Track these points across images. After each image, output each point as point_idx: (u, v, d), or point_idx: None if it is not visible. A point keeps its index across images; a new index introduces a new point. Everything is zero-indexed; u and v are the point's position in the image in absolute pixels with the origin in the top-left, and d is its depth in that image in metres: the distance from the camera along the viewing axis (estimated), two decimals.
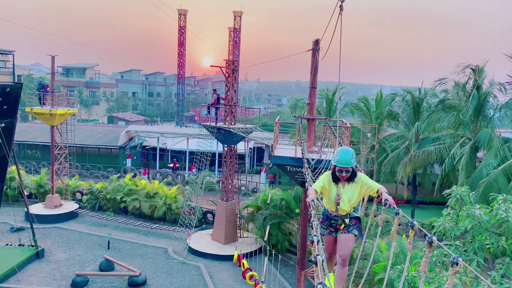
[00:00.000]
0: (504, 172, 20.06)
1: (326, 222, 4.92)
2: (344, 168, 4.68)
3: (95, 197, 30.99)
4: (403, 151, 29.22)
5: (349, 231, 4.85)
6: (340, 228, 4.87)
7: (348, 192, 4.77)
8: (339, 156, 4.72)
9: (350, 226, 4.85)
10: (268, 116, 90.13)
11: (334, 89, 35.15)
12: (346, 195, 4.76)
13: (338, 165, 4.71)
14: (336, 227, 4.87)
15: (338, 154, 4.76)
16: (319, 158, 13.28)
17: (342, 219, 4.83)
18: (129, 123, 67.15)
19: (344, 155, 4.70)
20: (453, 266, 2.64)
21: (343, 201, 4.74)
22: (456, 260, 2.61)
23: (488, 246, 9.83)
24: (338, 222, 4.84)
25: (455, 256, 2.62)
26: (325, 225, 4.93)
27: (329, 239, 4.95)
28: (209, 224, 28.18)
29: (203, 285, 20.05)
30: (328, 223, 4.91)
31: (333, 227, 4.89)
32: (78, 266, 21.44)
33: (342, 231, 4.86)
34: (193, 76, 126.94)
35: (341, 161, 4.69)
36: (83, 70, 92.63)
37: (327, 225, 4.92)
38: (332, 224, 4.88)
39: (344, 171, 4.70)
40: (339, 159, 4.71)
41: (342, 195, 4.75)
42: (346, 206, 4.76)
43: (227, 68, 23.87)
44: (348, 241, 4.83)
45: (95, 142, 42.83)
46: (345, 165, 4.67)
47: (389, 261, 10.24)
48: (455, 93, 27.82)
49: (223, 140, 24.49)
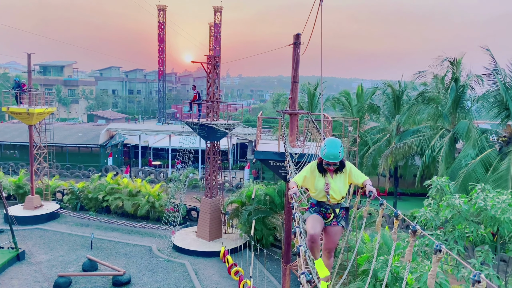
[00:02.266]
0: (482, 162, 20.52)
1: (315, 208, 4.70)
2: (332, 162, 4.49)
3: (76, 197, 30.50)
4: (384, 144, 29.62)
5: (338, 223, 4.71)
6: (329, 217, 4.68)
7: (337, 181, 4.61)
8: (326, 150, 4.47)
9: (339, 217, 4.71)
10: (251, 112, 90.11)
11: (315, 83, 35.33)
12: (336, 184, 4.59)
13: (326, 159, 4.48)
14: (326, 215, 4.68)
15: (326, 147, 4.49)
16: (302, 152, 13.33)
17: (333, 209, 4.65)
18: (109, 121, 66.23)
19: (332, 149, 4.45)
20: (437, 253, 2.68)
21: (333, 190, 4.57)
22: (439, 247, 2.65)
23: (468, 235, 10.05)
24: (328, 211, 4.66)
25: (438, 244, 2.66)
26: (313, 210, 4.71)
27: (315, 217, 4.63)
28: (193, 221, 28.07)
29: (188, 282, 19.99)
30: (317, 209, 4.69)
31: (322, 214, 4.68)
32: (61, 267, 21.10)
33: (331, 222, 4.70)
34: (174, 73, 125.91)
35: (329, 156, 4.45)
36: (61, 68, 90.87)
37: (316, 211, 4.69)
38: (321, 210, 4.68)
39: (332, 164, 4.51)
40: (327, 153, 4.46)
41: (331, 184, 4.57)
42: (337, 195, 4.59)
43: (208, 63, 23.71)
44: (336, 234, 4.74)
45: (75, 141, 42.12)
46: (333, 160, 4.46)
47: (372, 252, 10.29)
48: (434, 85, 28.31)
49: (205, 136, 24.37)
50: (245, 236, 24.51)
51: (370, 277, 12.37)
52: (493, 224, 9.44)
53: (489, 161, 20.61)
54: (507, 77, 21.47)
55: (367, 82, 63.19)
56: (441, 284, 8.58)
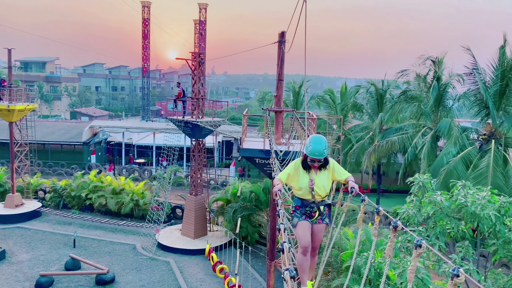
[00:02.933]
0: (463, 160, 20.92)
1: (301, 210, 4.68)
2: (317, 159, 4.52)
3: (58, 195, 30.06)
4: (367, 142, 29.95)
5: (323, 220, 4.73)
6: (314, 215, 4.67)
7: (321, 178, 4.63)
8: (312, 147, 4.50)
9: (323, 214, 4.71)
10: (236, 110, 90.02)
11: (300, 82, 35.50)
12: (320, 181, 4.61)
13: (311, 156, 4.51)
14: (311, 214, 4.67)
15: (311, 144, 4.52)
16: (287, 150, 13.40)
17: (318, 206, 4.64)
18: (92, 118, 65.31)
19: (317, 145, 4.48)
20: (417, 248, 2.73)
21: (318, 186, 4.57)
22: (419, 243, 2.71)
23: (449, 231, 10.25)
24: (313, 210, 4.64)
25: (419, 239, 2.72)
26: (299, 212, 4.68)
27: (305, 224, 4.65)
28: (178, 219, 27.95)
29: (173, 280, 19.92)
30: (302, 210, 4.67)
31: (308, 214, 4.67)
32: (43, 266, 20.80)
33: (316, 220, 4.69)
34: (158, 70, 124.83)
35: (314, 153, 4.48)
36: (43, 64, 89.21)
37: (302, 213, 4.67)
38: (306, 211, 4.66)
39: (316, 161, 4.54)
40: (312, 150, 4.49)
41: (316, 180, 4.58)
42: (321, 191, 4.60)
43: (193, 60, 23.59)
44: (321, 231, 4.76)
45: (58, 139, 41.47)
46: (318, 156, 4.49)
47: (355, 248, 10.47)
48: (416, 84, 28.70)
49: (191, 134, 24.26)
50: (230, 234, 24.52)
51: (351, 272, 12.49)
52: (473, 220, 9.65)
53: (469, 159, 21.03)
54: (487, 76, 21.90)
55: (351, 81, 63.79)
56: (422, 279, 8.73)
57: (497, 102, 21.28)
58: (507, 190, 18.70)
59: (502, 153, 20.69)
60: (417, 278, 8.78)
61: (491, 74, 21.61)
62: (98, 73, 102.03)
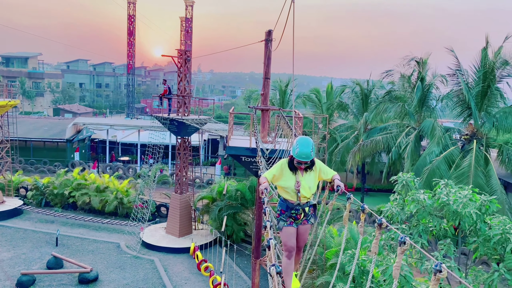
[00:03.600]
0: (446, 160, 21.27)
1: (286, 213, 4.67)
2: (304, 161, 4.52)
3: (41, 193, 29.58)
4: (352, 141, 30.21)
5: (308, 221, 4.75)
6: (300, 217, 4.69)
7: (307, 179, 4.64)
8: (299, 149, 4.48)
9: (308, 215, 4.74)
10: (223, 108, 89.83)
11: (287, 81, 35.59)
12: (306, 182, 4.61)
13: (298, 158, 4.50)
14: (296, 216, 4.68)
15: (298, 146, 4.50)
16: (273, 148, 13.44)
17: (303, 208, 4.66)
18: (76, 115, 64.44)
19: (304, 148, 4.47)
20: (401, 245, 2.79)
21: (304, 188, 4.58)
22: (403, 239, 2.76)
23: (431, 229, 10.43)
24: (298, 212, 4.65)
25: (403, 236, 2.77)
26: (285, 216, 4.67)
27: (290, 230, 4.67)
28: (162, 218, 27.78)
29: (157, 279, 19.81)
30: (288, 214, 4.66)
31: (293, 217, 4.67)
32: (24, 265, 20.45)
33: (302, 221, 4.72)
34: (143, 67, 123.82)
35: (301, 155, 4.47)
36: (25, 59, 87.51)
37: (287, 216, 4.66)
38: (292, 214, 4.66)
39: (303, 163, 4.54)
40: (299, 152, 4.47)
41: (302, 181, 4.58)
42: (307, 193, 4.61)
43: (179, 58, 23.46)
44: (306, 232, 4.80)
45: (40, 135, 40.77)
46: (305, 159, 4.48)
47: (340, 246, 10.49)
48: (401, 84, 29.04)
49: (176, 131, 24.12)
50: (215, 232, 24.49)
51: (337, 270, 12.64)
52: (455, 218, 9.83)
53: (452, 158, 21.39)
54: (470, 78, 22.29)
55: (336, 81, 64.22)
56: (405, 276, 8.87)
57: (479, 103, 21.68)
58: (488, 189, 19.10)
59: (483, 153, 21.11)
60: (400, 275, 8.91)
61: (474, 75, 21.99)
62: (82, 70, 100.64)
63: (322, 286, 14.04)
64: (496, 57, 21.01)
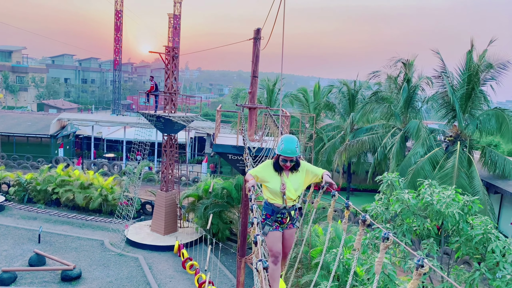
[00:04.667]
0: (430, 160, 21.58)
1: (271, 218, 4.57)
2: (289, 157, 4.43)
3: (23, 189, 29.09)
4: (339, 141, 30.42)
5: (293, 225, 4.70)
6: (285, 221, 4.62)
7: (293, 181, 4.54)
8: (283, 145, 4.43)
9: (294, 219, 4.67)
10: (210, 106, 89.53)
11: (274, 79, 35.65)
12: (292, 184, 4.52)
13: (283, 154, 4.43)
14: (282, 220, 4.59)
15: (283, 142, 4.46)
16: (260, 146, 13.45)
17: (289, 212, 4.57)
18: (61, 110, 63.46)
19: (289, 144, 4.43)
20: (384, 241, 2.81)
21: (289, 190, 4.49)
22: (387, 235, 2.79)
23: (415, 228, 10.56)
24: (284, 216, 4.57)
25: (386, 232, 2.80)
26: (270, 221, 4.57)
27: (276, 234, 4.59)
28: (148, 215, 27.59)
29: (141, 276, 19.66)
30: (273, 218, 4.56)
31: (279, 222, 4.59)
32: (5, 262, 20.09)
33: (287, 225, 4.66)
34: (130, 63, 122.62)
35: (286, 151, 4.41)
36: (9, 53, 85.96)
37: (273, 220, 4.57)
38: (277, 218, 4.57)
39: (288, 160, 4.45)
40: (284, 148, 4.42)
41: (287, 183, 4.50)
42: (293, 194, 4.52)
43: (166, 54, 23.30)
44: (292, 236, 4.75)
45: (24, 131, 40.07)
46: (290, 154, 4.41)
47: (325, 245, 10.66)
48: (387, 85, 29.35)
49: (162, 129, 23.96)
50: (201, 230, 24.41)
51: (322, 269, 12.66)
52: (438, 218, 9.96)
53: (436, 159, 21.71)
54: (455, 80, 22.64)
55: (324, 81, 64.62)
56: (389, 275, 8.96)
57: (463, 105, 22.04)
58: (471, 190, 19.44)
59: (467, 154, 21.47)
60: (383, 274, 9.00)
61: (459, 77, 22.35)
62: (67, 65, 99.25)
63: (307, 284, 14.11)
64: (481, 60, 21.37)
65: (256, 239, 3.22)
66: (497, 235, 9.43)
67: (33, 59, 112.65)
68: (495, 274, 9.17)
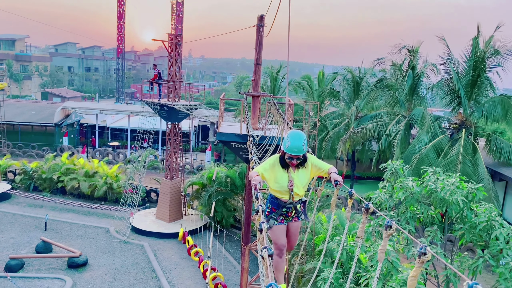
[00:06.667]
0: (434, 148, 21.50)
1: (277, 211, 4.47)
2: (296, 156, 4.24)
3: (29, 177, 29.32)
4: (343, 129, 30.32)
5: (299, 218, 4.62)
6: (290, 215, 4.53)
7: (300, 176, 4.39)
8: (290, 143, 4.20)
9: (299, 212, 4.59)
10: (213, 94, 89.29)
11: (278, 67, 35.44)
12: (299, 180, 4.37)
13: (289, 153, 4.22)
14: (287, 214, 4.51)
15: (289, 139, 4.22)
16: (263, 135, 13.44)
17: (295, 206, 4.47)
18: (65, 99, 63.59)
19: (295, 141, 4.19)
20: (387, 229, 2.81)
21: (297, 187, 4.35)
22: (390, 223, 2.79)
23: (418, 216, 10.57)
24: (290, 210, 4.47)
25: (389, 220, 2.80)
26: (275, 214, 4.48)
27: (280, 229, 4.51)
28: (152, 203, 27.77)
29: (147, 263, 19.88)
30: (279, 212, 4.47)
31: (284, 215, 4.51)
32: (12, 249, 20.36)
33: (292, 218, 4.57)
34: (133, 51, 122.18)
35: (292, 149, 4.19)
36: (12, 42, 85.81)
37: (278, 214, 4.48)
38: (283, 212, 4.48)
39: (295, 158, 4.26)
40: (290, 146, 4.19)
41: (295, 180, 4.33)
42: (300, 191, 4.39)
43: (169, 42, 23.18)
44: (297, 229, 4.66)
45: (28, 119, 40.22)
46: (296, 153, 4.20)
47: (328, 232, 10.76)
48: (392, 72, 29.12)
49: (166, 117, 23.97)
50: (205, 218, 24.57)
51: (326, 256, 12.72)
52: (442, 206, 9.97)
53: (440, 147, 21.62)
54: (460, 67, 22.41)
55: (328, 68, 64.18)
56: (393, 262, 9.01)
57: (469, 92, 21.86)
58: (475, 177, 19.39)
59: (472, 142, 21.36)
60: (387, 261, 9.04)
61: (464, 64, 22.12)
62: (70, 53, 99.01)
63: (311, 271, 14.22)
64: (487, 46, 21.12)
65: (261, 227, 3.23)
66: (501, 222, 9.43)
67: (36, 47, 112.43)
68: (499, 261, 9.20)
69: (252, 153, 7.25)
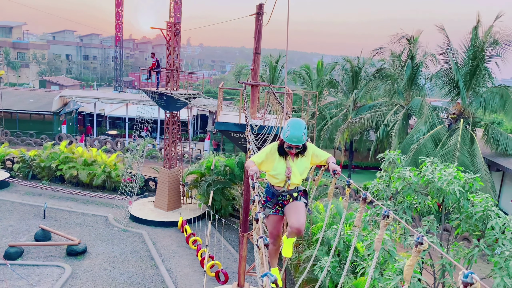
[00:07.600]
0: (432, 138, 21.56)
1: (272, 200, 4.39)
2: (295, 145, 4.14)
3: (27, 165, 29.33)
4: (341, 118, 30.35)
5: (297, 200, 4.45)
6: (287, 203, 4.40)
7: (298, 165, 4.31)
8: (290, 132, 4.09)
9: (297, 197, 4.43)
10: (212, 83, 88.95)
11: (277, 56, 35.30)
12: (297, 168, 4.29)
13: (289, 142, 4.11)
14: (283, 203, 4.39)
15: (289, 129, 4.11)
16: (262, 124, 13.45)
17: (291, 194, 4.36)
18: (63, 87, 63.33)
19: (295, 131, 4.08)
20: (384, 218, 2.85)
21: (294, 175, 4.26)
22: (387, 213, 2.83)
23: (415, 206, 10.65)
24: (286, 198, 4.37)
25: (386, 210, 2.83)
26: (271, 204, 4.40)
27: (275, 219, 4.42)
28: (151, 192, 27.85)
29: (145, 252, 20.01)
30: (274, 201, 4.39)
31: (280, 204, 4.41)
32: (11, 237, 20.46)
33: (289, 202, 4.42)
34: (131, 39, 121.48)
35: (292, 139, 4.09)
36: (9, 29, 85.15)
37: (273, 203, 4.39)
38: (278, 201, 4.39)
39: (294, 148, 4.16)
40: (290, 135, 4.09)
41: (293, 168, 4.25)
42: (297, 179, 4.30)
43: (168, 30, 23.04)
44: (301, 207, 4.37)
45: (26, 107, 40.07)
46: (296, 143, 4.10)
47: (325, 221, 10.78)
48: (391, 62, 29.05)
49: (165, 106, 23.92)
50: (204, 207, 24.68)
51: (323, 244, 12.82)
52: (439, 195, 10.04)
53: (438, 137, 21.68)
54: (459, 57, 22.36)
55: (327, 57, 63.80)
56: (389, 251, 9.10)
57: (467, 82, 21.85)
58: (472, 168, 19.48)
59: (470, 132, 21.42)
60: (384, 250, 9.14)
61: (463, 54, 22.07)
62: (68, 41, 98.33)
63: (308, 259, 14.35)
64: (486, 36, 21.05)
65: (257, 217, 3.27)
66: (497, 212, 9.51)
67: (33, 35, 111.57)
68: (494, 251, 9.30)
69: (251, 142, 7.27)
